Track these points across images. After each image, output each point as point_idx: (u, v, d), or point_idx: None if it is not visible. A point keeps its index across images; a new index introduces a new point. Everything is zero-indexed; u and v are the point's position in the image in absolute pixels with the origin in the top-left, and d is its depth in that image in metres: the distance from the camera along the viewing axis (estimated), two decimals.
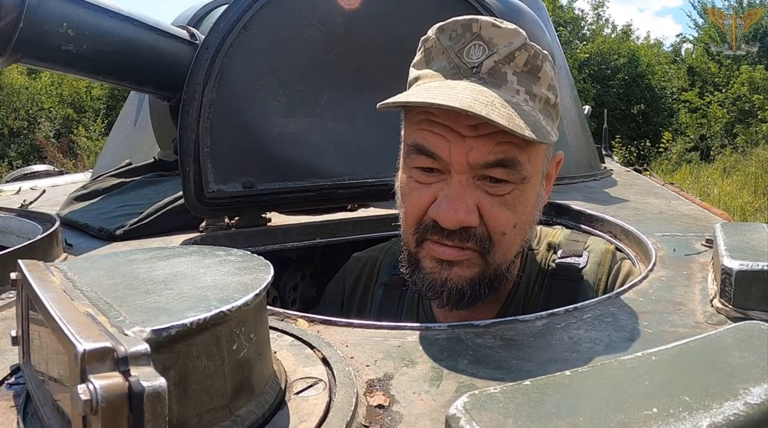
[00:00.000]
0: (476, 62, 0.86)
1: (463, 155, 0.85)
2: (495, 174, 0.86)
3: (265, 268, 0.60)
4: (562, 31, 17.95)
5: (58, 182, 3.10)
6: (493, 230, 0.89)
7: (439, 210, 0.87)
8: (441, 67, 0.89)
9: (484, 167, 0.86)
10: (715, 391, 0.45)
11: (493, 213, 0.88)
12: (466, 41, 0.87)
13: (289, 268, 1.72)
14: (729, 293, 0.80)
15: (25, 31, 1.42)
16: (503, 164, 0.86)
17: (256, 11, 1.38)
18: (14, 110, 15.36)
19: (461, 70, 0.87)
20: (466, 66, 0.87)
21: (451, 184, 0.87)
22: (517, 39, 0.87)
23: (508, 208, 0.89)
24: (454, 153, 0.85)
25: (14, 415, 0.56)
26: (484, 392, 0.45)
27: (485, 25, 0.87)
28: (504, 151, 0.85)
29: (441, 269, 0.91)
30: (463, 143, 0.85)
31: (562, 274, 1.06)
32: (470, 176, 0.87)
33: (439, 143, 0.86)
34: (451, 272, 0.91)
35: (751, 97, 16.33)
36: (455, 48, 0.87)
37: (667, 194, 2.26)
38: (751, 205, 9.86)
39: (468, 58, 0.87)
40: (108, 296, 0.51)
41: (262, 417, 0.54)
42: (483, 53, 0.86)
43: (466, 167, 0.86)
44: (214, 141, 1.37)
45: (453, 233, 0.88)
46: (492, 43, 0.86)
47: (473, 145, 0.85)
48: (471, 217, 0.86)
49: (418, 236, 0.92)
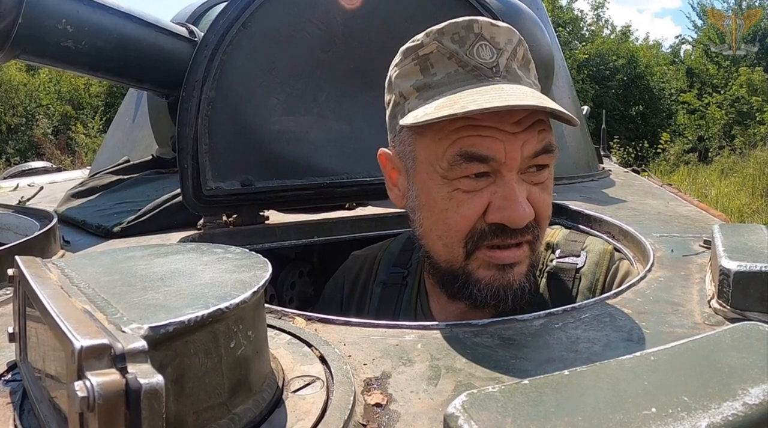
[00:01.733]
0: (492, 62, 0.87)
1: (518, 151, 0.86)
2: (542, 161, 0.89)
3: (263, 266, 0.60)
4: (562, 31, 17.95)
5: (56, 178, 3.09)
6: (541, 216, 0.92)
7: (505, 213, 0.87)
8: (450, 73, 0.88)
9: (533, 157, 0.88)
10: (713, 391, 0.45)
11: (540, 200, 0.91)
12: (473, 42, 0.87)
13: (287, 266, 1.72)
14: (727, 294, 0.80)
15: (24, 26, 1.42)
16: (548, 149, 0.89)
17: (256, 9, 1.38)
18: (12, 106, 15.35)
19: (483, 71, 0.87)
20: (485, 67, 0.87)
21: (504, 184, 0.87)
22: (514, 36, 0.90)
23: (547, 192, 0.92)
24: (509, 150, 0.86)
25: (10, 412, 0.56)
26: (482, 391, 0.45)
27: (485, 25, 0.88)
28: (546, 137, 0.89)
29: (503, 274, 0.91)
30: (516, 139, 0.86)
31: (560, 274, 1.06)
32: (518, 172, 0.88)
33: (492, 145, 0.86)
34: (513, 273, 0.92)
35: (749, 99, 16.36)
36: (465, 50, 0.87)
37: (665, 194, 2.26)
38: (748, 206, 9.89)
39: (481, 58, 0.87)
40: (105, 293, 0.51)
41: (260, 415, 0.54)
42: (492, 53, 0.87)
43: (519, 163, 0.87)
44: (212, 139, 1.37)
45: (515, 231, 0.89)
46: (495, 41, 0.87)
47: (524, 139, 0.86)
48: (531, 211, 0.88)
49: (471, 246, 0.91)
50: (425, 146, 0.91)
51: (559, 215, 1.60)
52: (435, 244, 0.95)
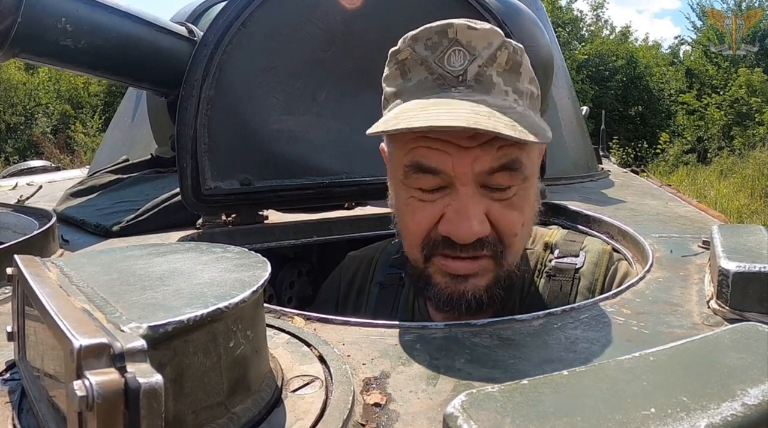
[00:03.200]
0: (460, 70, 0.83)
1: (467, 166, 0.83)
2: (500, 180, 0.85)
3: (263, 265, 0.60)
4: (561, 32, 17.96)
5: (55, 178, 3.09)
6: (505, 233, 0.89)
7: (451, 226, 0.85)
8: (421, 80, 0.86)
9: (488, 174, 0.84)
10: (712, 392, 0.45)
11: (502, 218, 0.87)
12: (445, 48, 0.83)
13: (286, 266, 1.72)
14: (726, 294, 0.80)
15: (24, 25, 1.41)
16: (507, 167, 0.85)
17: (255, 8, 1.38)
18: (11, 105, 15.34)
19: (447, 80, 0.84)
20: (451, 75, 0.83)
21: (458, 197, 0.85)
22: (495, 39, 0.84)
23: (515, 209, 0.88)
24: (457, 166, 0.84)
25: (9, 411, 0.56)
26: (481, 391, 0.45)
27: (461, 28, 0.83)
28: (507, 154, 0.84)
29: (456, 283, 0.91)
30: (467, 154, 0.83)
31: (558, 274, 1.06)
32: (475, 186, 0.85)
33: (440, 159, 0.84)
34: (468, 284, 0.90)
35: (748, 100, 16.36)
36: (434, 57, 0.84)
37: (664, 195, 2.27)
38: (747, 207, 9.90)
39: (450, 65, 0.83)
40: (104, 292, 0.51)
41: (259, 414, 0.54)
42: (464, 59, 0.83)
43: (471, 178, 0.84)
44: (211, 138, 1.37)
45: (467, 245, 0.87)
46: (471, 46, 0.83)
47: (477, 155, 0.83)
48: (483, 227, 0.86)
49: (426, 252, 0.91)
50: (393, 151, 0.93)
51: (558, 215, 1.60)
52: (403, 243, 0.97)
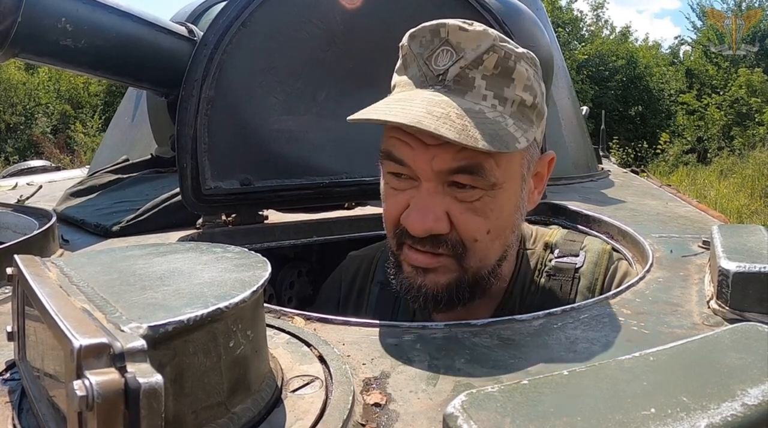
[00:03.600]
0: (442, 69, 0.85)
1: (427, 163, 0.86)
2: (460, 180, 0.86)
3: (263, 265, 0.60)
4: (561, 32, 17.96)
5: (55, 177, 3.09)
6: (464, 236, 0.89)
7: (408, 218, 0.88)
8: (413, 75, 0.89)
9: (448, 173, 0.86)
10: (712, 392, 0.45)
11: (462, 219, 0.88)
12: (435, 47, 0.86)
13: (286, 266, 1.72)
14: (726, 294, 0.80)
15: (24, 25, 1.41)
16: (467, 170, 0.85)
17: (255, 8, 1.38)
18: (11, 105, 15.33)
19: (428, 79, 0.87)
20: (433, 74, 0.86)
21: (420, 191, 0.88)
22: (485, 41, 0.84)
23: (477, 214, 0.88)
24: (417, 161, 0.86)
25: (9, 411, 0.56)
26: (481, 391, 0.45)
27: (453, 29, 0.85)
28: (467, 157, 0.84)
29: (416, 275, 0.92)
30: (426, 152, 0.85)
31: (559, 274, 1.06)
32: (439, 183, 0.87)
33: (404, 151, 0.87)
34: (426, 278, 0.92)
35: (748, 100, 16.36)
36: (424, 55, 0.87)
37: (664, 195, 2.27)
38: (747, 207, 9.90)
39: (435, 65, 0.86)
40: (104, 292, 0.51)
41: (259, 414, 0.54)
42: (450, 59, 0.85)
43: (431, 175, 0.86)
44: (211, 138, 1.37)
45: (423, 240, 0.88)
46: (459, 47, 0.84)
47: (435, 153, 0.85)
48: (439, 224, 0.86)
49: (396, 239, 0.93)
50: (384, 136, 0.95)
51: (558, 215, 1.60)
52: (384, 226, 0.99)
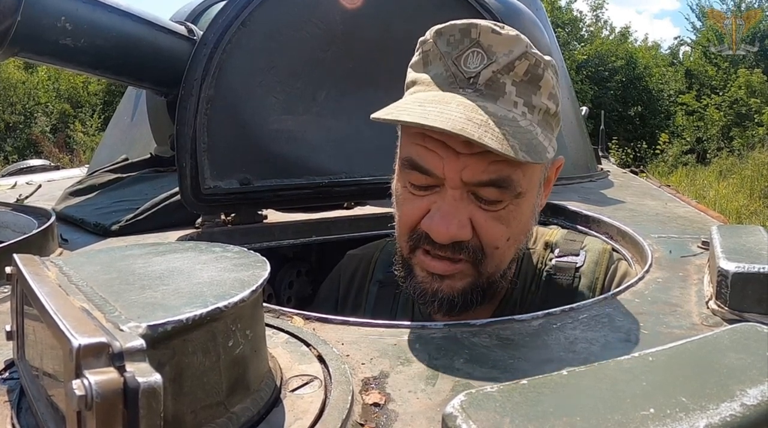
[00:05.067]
0: (474, 72, 0.83)
1: (457, 172, 0.84)
2: (487, 194, 0.85)
3: (262, 265, 0.60)
4: (561, 32, 17.95)
5: (54, 177, 3.08)
6: (486, 243, 0.88)
7: (431, 224, 0.86)
8: (437, 74, 0.86)
9: (476, 185, 0.85)
10: (711, 392, 0.45)
11: (486, 227, 0.87)
12: (465, 48, 0.83)
13: (285, 265, 1.72)
14: (725, 295, 0.80)
15: (23, 24, 1.41)
16: (496, 184, 0.84)
17: (255, 8, 1.38)
18: (11, 104, 15.31)
19: (458, 80, 0.84)
20: (463, 76, 0.83)
21: (444, 198, 0.86)
22: (517, 47, 0.83)
23: (501, 223, 0.88)
24: (447, 170, 0.84)
25: (8, 410, 0.56)
26: (480, 391, 0.45)
27: (484, 30, 0.83)
28: (497, 170, 0.83)
29: (432, 280, 0.91)
30: (457, 161, 0.83)
31: (559, 273, 1.06)
32: (464, 190, 0.86)
33: (432, 160, 0.85)
34: (443, 284, 0.91)
35: (747, 101, 16.35)
36: (453, 55, 0.84)
37: (664, 196, 2.26)
38: (746, 208, 9.91)
39: (465, 66, 0.83)
40: (104, 291, 0.51)
41: (258, 414, 0.54)
42: (481, 62, 0.83)
43: (459, 183, 0.85)
44: (211, 137, 1.37)
45: (445, 246, 0.87)
46: (491, 51, 0.83)
47: (467, 163, 0.83)
48: (463, 231, 0.86)
49: (411, 243, 0.92)
50: (401, 139, 0.94)
51: (557, 215, 1.60)
52: (396, 229, 0.97)
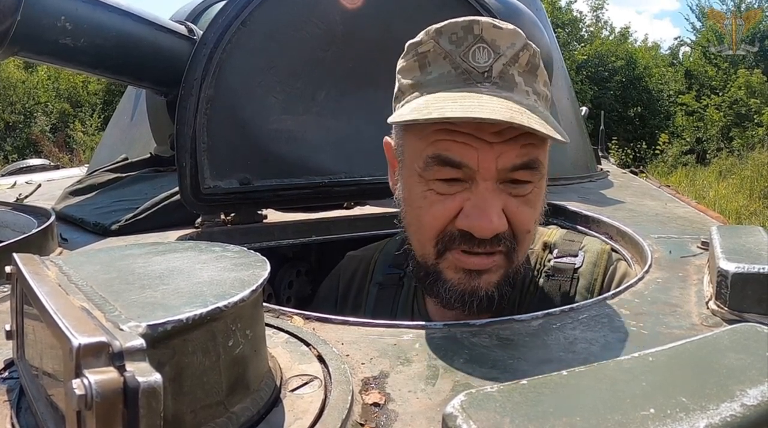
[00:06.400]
0: (486, 66, 0.85)
1: (492, 162, 0.84)
2: (521, 176, 0.87)
3: (262, 264, 0.60)
4: (561, 32, 17.95)
5: (54, 176, 3.09)
6: (519, 229, 0.90)
7: (471, 221, 0.86)
8: (443, 73, 0.87)
9: (511, 170, 0.86)
10: (711, 392, 0.45)
11: (519, 214, 0.88)
12: (470, 44, 0.85)
13: (285, 265, 1.72)
14: (725, 295, 0.80)
15: (23, 24, 1.41)
16: (529, 165, 0.86)
17: (255, 7, 1.38)
18: (10, 103, 15.30)
19: (472, 76, 0.85)
20: (476, 71, 0.85)
21: (478, 192, 0.86)
22: (518, 40, 0.87)
23: (530, 206, 0.90)
24: (482, 160, 0.84)
25: (7, 410, 0.56)
26: (480, 391, 0.45)
27: (486, 26, 0.85)
28: (528, 153, 0.86)
29: (470, 279, 0.91)
30: (491, 150, 0.84)
31: (558, 274, 1.06)
32: (495, 181, 0.86)
33: (466, 152, 0.85)
34: (481, 280, 0.91)
35: (747, 101, 16.36)
36: (459, 52, 0.85)
37: (663, 196, 2.27)
38: (746, 208, 9.91)
39: (475, 61, 0.85)
40: (103, 290, 0.51)
41: (257, 414, 0.53)
42: (489, 56, 0.85)
43: (493, 174, 0.85)
44: (211, 137, 1.37)
45: (484, 240, 0.87)
46: (495, 44, 0.85)
47: (501, 150, 0.84)
48: (502, 222, 0.86)
49: (440, 247, 0.91)
50: (410, 142, 0.93)
51: (557, 215, 1.60)
52: (412, 238, 0.97)
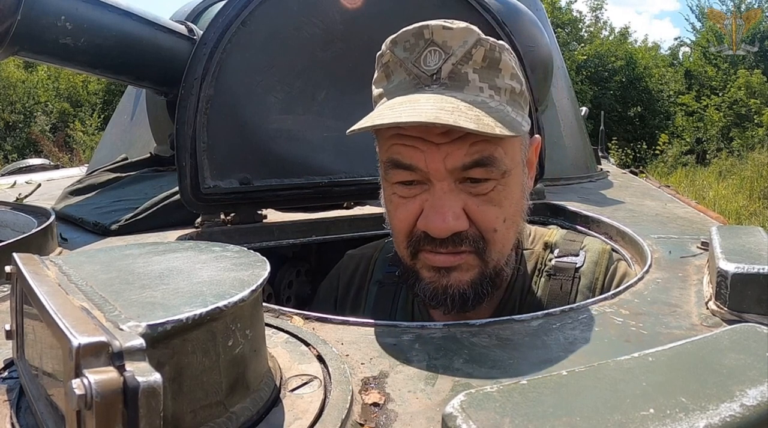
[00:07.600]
0: (435, 68, 0.86)
1: (440, 162, 0.86)
2: (475, 174, 0.87)
3: (262, 264, 0.60)
4: (561, 32, 17.97)
5: (54, 176, 3.09)
6: (484, 229, 0.90)
7: (427, 221, 0.88)
8: (401, 81, 0.89)
9: (462, 169, 0.86)
10: (711, 392, 0.45)
11: (480, 213, 0.89)
12: (421, 49, 0.86)
13: (285, 265, 1.72)
14: (724, 295, 0.80)
15: (23, 24, 1.41)
16: (481, 163, 0.86)
17: (255, 7, 1.38)
18: (10, 103, 15.31)
19: (422, 80, 0.86)
20: (426, 74, 0.86)
21: (434, 193, 0.88)
22: (470, 37, 0.86)
23: (494, 205, 0.90)
24: (430, 162, 0.86)
25: (7, 409, 0.56)
26: (480, 391, 0.45)
27: (436, 29, 0.86)
28: (479, 150, 0.86)
29: (440, 276, 0.92)
30: (438, 151, 0.85)
31: (558, 273, 1.06)
32: (451, 181, 0.87)
33: (414, 155, 0.87)
34: (450, 277, 0.92)
35: (747, 102, 16.38)
36: (411, 58, 0.87)
37: (663, 196, 2.27)
38: (746, 208, 9.92)
39: (426, 65, 0.86)
40: (103, 290, 0.51)
41: (257, 414, 0.53)
42: (440, 58, 0.86)
43: (444, 174, 0.86)
44: (210, 137, 1.37)
45: (445, 240, 0.88)
46: (447, 45, 0.86)
47: (448, 151, 0.85)
48: (459, 222, 0.87)
49: (412, 249, 0.93)
50: (378, 148, 0.96)
51: (557, 215, 1.60)
52: (393, 241, 0.99)
